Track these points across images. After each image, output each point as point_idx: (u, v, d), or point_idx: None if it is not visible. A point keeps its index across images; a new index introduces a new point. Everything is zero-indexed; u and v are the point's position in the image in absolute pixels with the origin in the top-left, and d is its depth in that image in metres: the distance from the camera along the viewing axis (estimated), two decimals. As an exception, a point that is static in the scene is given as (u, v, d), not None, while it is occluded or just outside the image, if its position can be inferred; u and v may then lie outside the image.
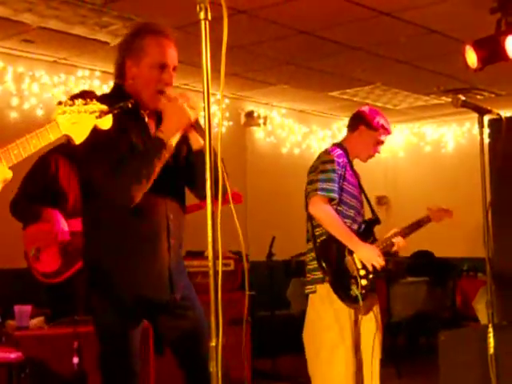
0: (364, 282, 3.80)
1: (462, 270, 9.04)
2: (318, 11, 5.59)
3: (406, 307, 7.55)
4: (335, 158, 3.91)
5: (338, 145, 4.10)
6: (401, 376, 3.86)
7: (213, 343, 2.07)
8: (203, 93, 2.07)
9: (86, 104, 2.30)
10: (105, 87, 7.08)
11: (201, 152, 2.80)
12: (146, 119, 3.00)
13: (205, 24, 2.02)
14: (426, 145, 10.20)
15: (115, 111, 2.41)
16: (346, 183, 3.96)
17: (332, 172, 3.87)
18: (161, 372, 4.65)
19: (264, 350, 6.44)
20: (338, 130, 9.79)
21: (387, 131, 4.03)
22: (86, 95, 4.79)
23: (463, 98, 3.24)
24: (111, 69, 3.13)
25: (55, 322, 4.44)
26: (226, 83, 2.13)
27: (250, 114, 8.63)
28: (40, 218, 4.44)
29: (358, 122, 4.04)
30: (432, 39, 6.31)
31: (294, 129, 9.33)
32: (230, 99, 8.42)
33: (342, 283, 3.80)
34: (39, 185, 4.52)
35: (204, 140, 2.77)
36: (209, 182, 2.11)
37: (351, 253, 3.83)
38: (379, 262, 3.81)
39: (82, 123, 2.28)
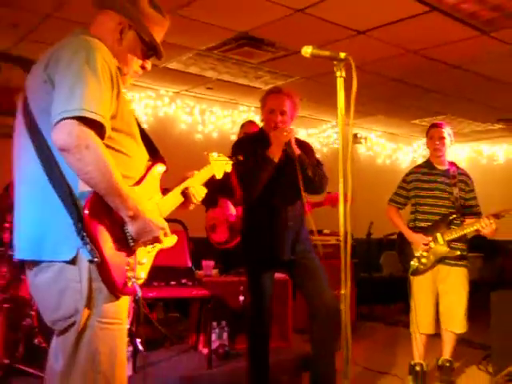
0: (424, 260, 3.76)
1: (509, 249, 8.68)
2: (400, 64, 5.59)
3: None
4: (404, 177, 3.99)
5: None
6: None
7: (342, 291, 1.98)
8: (339, 129, 2.10)
9: (220, 156, 2.49)
10: (256, 117, 7.08)
11: (296, 158, 3.09)
12: None
13: (340, 80, 1.99)
14: (483, 158, 9.82)
15: (234, 161, 2.61)
16: (417, 191, 3.87)
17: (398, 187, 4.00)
18: (296, 311, 4.75)
19: (364, 300, 6.48)
20: (418, 147, 9.60)
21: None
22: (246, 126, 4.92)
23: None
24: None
25: (227, 272, 4.63)
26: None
27: (355, 136, 8.62)
28: (217, 204, 4.48)
29: None
30: (491, 85, 6.10)
31: (386, 146, 9.23)
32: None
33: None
34: (218, 182, 4.67)
35: (295, 153, 3.11)
36: (342, 186, 1.99)
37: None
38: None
39: (219, 167, 2.45)
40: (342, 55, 1.98)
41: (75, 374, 1.71)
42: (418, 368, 3.82)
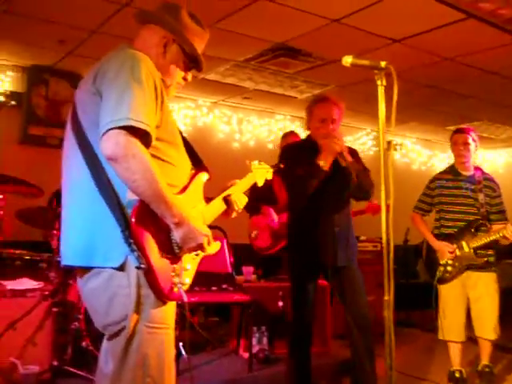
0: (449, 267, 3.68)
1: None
2: (435, 71, 5.49)
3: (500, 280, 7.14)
4: (428, 184, 3.87)
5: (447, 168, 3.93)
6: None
7: (386, 297, 1.96)
8: (379, 136, 2.10)
9: (261, 164, 2.48)
10: (292, 126, 7.18)
11: (345, 168, 3.01)
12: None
13: (381, 89, 1.96)
14: (521, 163, 9.61)
15: (275, 169, 2.60)
16: (441, 198, 3.76)
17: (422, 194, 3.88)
18: (335, 317, 4.69)
19: (401, 306, 6.35)
20: (454, 153, 9.46)
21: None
22: (288, 136, 4.90)
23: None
24: (296, 114, 3.33)
25: (267, 278, 4.59)
26: (376, 123, 2.08)
27: (389, 142, 8.46)
28: (260, 211, 4.52)
29: None
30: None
31: (422, 152, 9.07)
32: (377, 132, 8.32)
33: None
34: (261, 190, 4.64)
35: (345, 162, 3.02)
36: (383, 194, 2.01)
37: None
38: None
39: (260, 175, 2.45)
40: (383, 64, 1.94)
41: (125, 377, 1.71)
42: (457, 374, 3.73)
